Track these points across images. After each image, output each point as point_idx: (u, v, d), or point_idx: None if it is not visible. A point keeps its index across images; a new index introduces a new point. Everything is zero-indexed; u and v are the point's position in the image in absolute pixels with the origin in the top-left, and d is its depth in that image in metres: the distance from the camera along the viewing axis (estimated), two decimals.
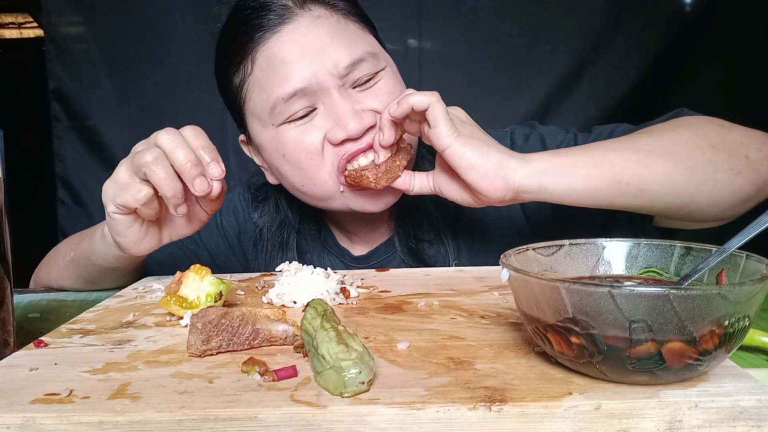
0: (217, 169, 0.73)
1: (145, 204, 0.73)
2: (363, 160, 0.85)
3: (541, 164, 0.75)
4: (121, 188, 0.74)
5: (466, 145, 0.74)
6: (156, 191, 0.73)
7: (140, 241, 0.80)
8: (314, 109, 0.87)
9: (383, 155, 0.82)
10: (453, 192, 0.81)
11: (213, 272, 0.68)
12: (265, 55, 0.86)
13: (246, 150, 1.01)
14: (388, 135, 0.79)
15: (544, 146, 0.98)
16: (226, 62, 0.92)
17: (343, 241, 1.06)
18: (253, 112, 0.91)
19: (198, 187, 0.71)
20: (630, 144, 0.79)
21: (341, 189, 0.88)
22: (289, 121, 0.87)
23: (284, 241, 1.03)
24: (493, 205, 0.79)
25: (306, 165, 0.87)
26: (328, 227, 1.07)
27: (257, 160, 0.99)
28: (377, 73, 0.89)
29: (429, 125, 0.75)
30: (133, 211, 0.76)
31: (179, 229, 0.82)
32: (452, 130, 0.74)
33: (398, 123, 0.80)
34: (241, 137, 1.00)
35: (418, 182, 0.84)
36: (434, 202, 1.00)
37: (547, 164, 0.75)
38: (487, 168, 0.73)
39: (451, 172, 0.78)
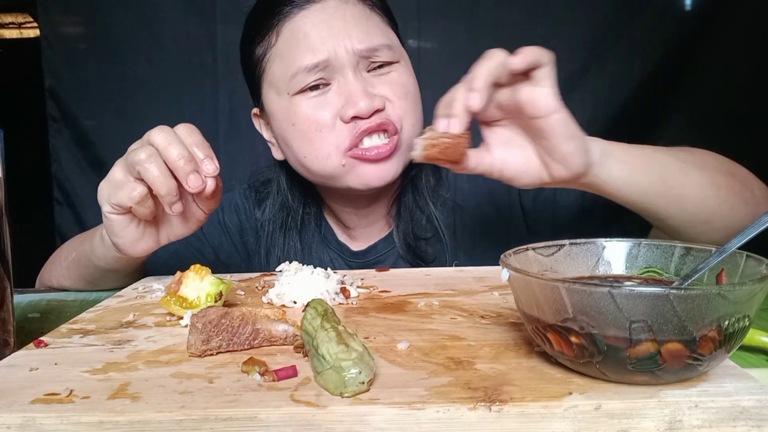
0: (210, 166, 0.73)
1: (139, 203, 0.73)
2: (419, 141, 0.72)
3: (607, 147, 0.74)
4: (116, 187, 0.74)
5: (569, 114, 0.69)
6: (151, 190, 0.73)
7: (137, 242, 0.79)
8: (328, 84, 0.90)
9: (461, 125, 0.67)
10: (518, 165, 0.73)
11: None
12: (290, 28, 0.91)
13: (257, 124, 1.04)
14: (482, 96, 0.66)
15: (554, 196, 0.98)
16: (253, 32, 0.97)
17: (342, 237, 1.07)
18: (271, 81, 0.95)
19: (192, 184, 0.71)
20: (670, 152, 0.80)
21: (343, 163, 0.90)
22: (304, 92, 0.90)
23: (285, 222, 1.04)
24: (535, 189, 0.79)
25: (313, 136, 0.90)
26: (327, 222, 1.07)
27: (266, 135, 1.03)
28: (392, 63, 0.92)
29: (533, 84, 0.67)
30: (129, 211, 0.76)
31: (176, 229, 0.82)
32: (559, 94, 0.69)
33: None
34: (254, 110, 1.03)
35: (474, 159, 0.74)
36: (434, 201, 1.01)
37: (612, 148, 0.74)
38: (582, 141, 0.71)
39: (516, 145, 0.73)
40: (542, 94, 0.67)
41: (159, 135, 0.72)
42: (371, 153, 0.89)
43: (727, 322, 0.43)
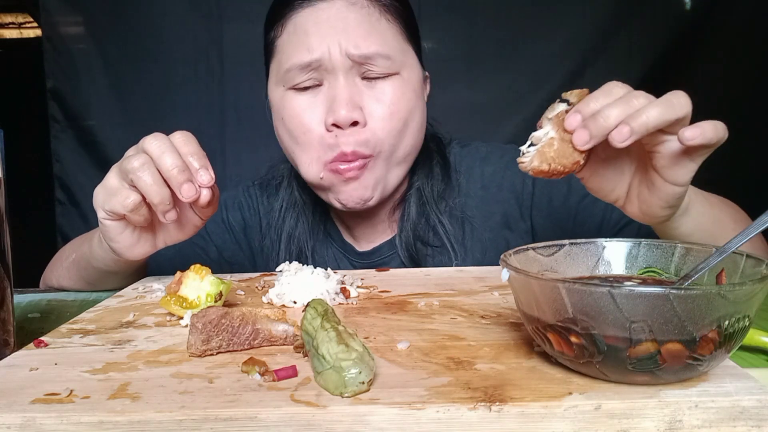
0: (206, 176, 0.72)
1: (133, 211, 0.72)
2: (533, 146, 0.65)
3: (688, 204, 0.71)
4: (110, 194, 0.73)
5: (687, 188, 0.67)
6: (145, 197, 0.72)
7: (133, 247, 0.79)
8: (320, 84, 0.91)
9: (589, 146, 0.61)
10: (604, 185, 0.70)
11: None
12: (294, 23, 0.92)
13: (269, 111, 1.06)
14: (632, 141, 0.59)
15: (569, 180, 0.98)
16: (267, 21, 0.98)
17: (347, 237, 1.07)
18: (272, 71, 0.96)
19: (185, 193, 0.70)
20: (729, 211, 0.81)
21: (321, 176, 0.92)
22: (296, 89, 0.91)
23: (293, 213, 1.05)
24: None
25: (298, 137, 0.92)
26: (333, 221, 1.08)
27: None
28: (390, 75, 0.91)
29: (687, 155, 0.62)
30: (123, 217, 0.75)
31: (173, 234, 0.82)
32: None
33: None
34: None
35: None
36: (440, 210, 1.00)
37: (691, 205, 0.72)
38: (677, 209, 0.69)
39: (616, 167, 0.69)
40: (686, 168, 0.63)
41: (153, 143, 0.72)
42: (343, 168, 0.90)
43: (727, 322, 0.43)
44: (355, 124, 0.88)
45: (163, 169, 0.71)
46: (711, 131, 0.59)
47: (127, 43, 1.97)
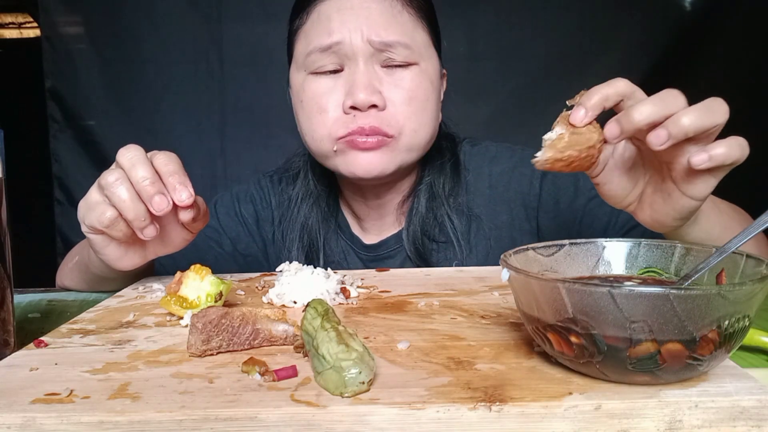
0: (184, 193, 0.70)
1: (109, 226, 0.71)
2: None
3: (699, 213, 0.71)
4: (89, 209, 0.72)
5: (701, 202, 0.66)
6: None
7: (121, 259, 0.77)
8: (341, 70, 0.92)
9: (587, 119, 0.61)
10: (617, 192, 0.69)
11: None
12: (318, 10, 0.94)
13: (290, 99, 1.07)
14: (669, 142, 0.57)
15: (576, 183, 0.99)
16: (293, 10, 1.00)
17: (356, 229, 1.08)
18: (295, 57, 0.98)
19: (156, 206, 0.68)
20: (740, 219, 0.81)
21: (335, 149, 0.93)
22: (317, 73, 0.93)
23: (307, 202, 1.05)
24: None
25: (313, 117, 0.93)
26: (342, 213, 1.08)
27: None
28: (409, 65, 0.92)
29: (711, 172, 0.61)
30: (104, 232, 0.74)
31: (162, 247, 0.80)
32: None
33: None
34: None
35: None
36: (449, 206, 1.00)
37: (701, 214, 0.72)
38: (688, 220, 0.69)
39: (632, 175, 0.68)
40: (706, 183, 0.62)
41: (126, 155, 0.71)
42: (360, 140, 0.90)
43: (726, 322, 0.43)
44: (374, 107, 0.89)
45: (134, 182, 0.69)
46: (723, 155, 0.58)
47: (127, 43, 1.97)
